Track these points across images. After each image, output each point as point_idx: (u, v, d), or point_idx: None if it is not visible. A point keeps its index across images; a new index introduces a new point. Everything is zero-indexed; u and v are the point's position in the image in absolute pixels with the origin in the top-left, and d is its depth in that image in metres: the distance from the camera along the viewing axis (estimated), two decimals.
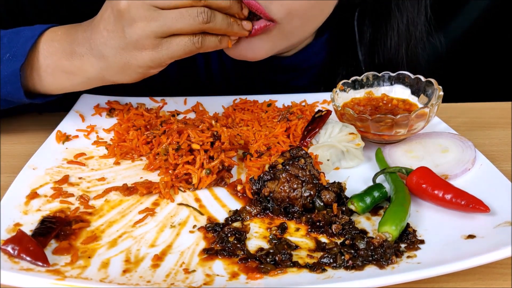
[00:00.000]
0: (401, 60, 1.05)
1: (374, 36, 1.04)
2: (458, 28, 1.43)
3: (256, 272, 0.57)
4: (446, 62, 1.22)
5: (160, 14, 0.70)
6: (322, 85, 1.10)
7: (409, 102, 0.88)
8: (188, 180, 0.74)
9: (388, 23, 1.03)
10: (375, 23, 1.04)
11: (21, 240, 0.57)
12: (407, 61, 1.06)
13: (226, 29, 0.76)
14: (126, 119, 0.90)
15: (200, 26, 0.72)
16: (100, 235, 0.63)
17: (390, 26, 1.03)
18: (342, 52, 1.08)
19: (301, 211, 0.67)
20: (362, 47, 1.05)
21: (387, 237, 0.60)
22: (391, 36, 1.02)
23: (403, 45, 1.04)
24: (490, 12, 1.41)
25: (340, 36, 1.08)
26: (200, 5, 0.71)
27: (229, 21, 0.76)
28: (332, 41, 1.09)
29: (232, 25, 0.76)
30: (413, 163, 0.76)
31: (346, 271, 0.57)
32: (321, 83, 1.11)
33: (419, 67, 1.10)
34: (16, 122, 0.97)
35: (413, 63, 1.08)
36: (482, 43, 1.44)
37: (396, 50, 1.04)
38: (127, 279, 0.55)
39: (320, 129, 0.80)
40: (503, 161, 0.83)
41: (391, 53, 1.04)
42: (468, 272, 0.59)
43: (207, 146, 0.76)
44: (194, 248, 0.61)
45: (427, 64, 1.16)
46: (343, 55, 1.08)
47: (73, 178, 0.75)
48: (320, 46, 1.07)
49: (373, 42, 1.05)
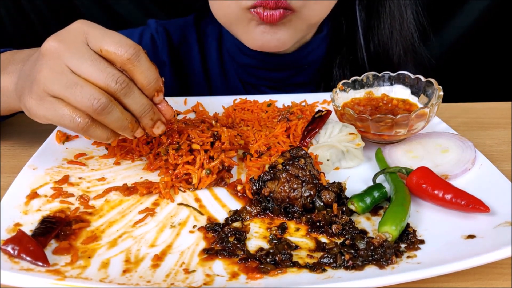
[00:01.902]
0: (395, 43, 1.07)
1: (368, 20, 1.06)
2: (458, 28, 1.44)
3: (256, 272, 0.57)
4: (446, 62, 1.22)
5: (65, 77, 0.62)
6: (322, 81, 1.11)
7: (409, 102, 0.88)
8: (188, 180, 0.74)
9: (380, 5, 1.04)
10: (368, 6, 1.06)
11: (21, 240, 0.57)
12: (403, 45, 1.07)
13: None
14: None
15: (92, 112, 0.62)
16: (100, 235, 0.63)
17: (382, 8, 1.04)
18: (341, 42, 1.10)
19: (301, 211, 0.67)
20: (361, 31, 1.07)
21: (387, 237, 0.60)
22: (384, 19, 1.05)
23: (396, 27, 1.05)
24: (490, 12, 1.41)
25: (339, 27, 1.10)
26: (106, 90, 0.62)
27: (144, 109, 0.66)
28: (331, 36, 1.10)
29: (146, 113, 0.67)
30: (413, 163, 0.76)
31: (346, 271, 0.57)
32: (321, 79, 1.12)
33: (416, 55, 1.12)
34: (16, 122, 0.97)
35: (408, 47, 1.09)
36: (482, 43, 1.44)
37: (390, 32, 1.05)
38: (127, 279, 0.55)
39: (320, 129, 0.80)
40: (503, 161, 0.83)
41: (385, 36, 1.06)
42: (468, 272, 0.59)
43: (207, 146, 0.76)
44: (194, 248, 0.61)
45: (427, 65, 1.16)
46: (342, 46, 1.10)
47: (73, 178, 0.75)
48: (319, 42, 1.08)
49: (368, 26, 1.07)
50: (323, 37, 1.08)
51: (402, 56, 1.08)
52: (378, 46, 1.07)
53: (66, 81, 0.62)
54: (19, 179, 0.72)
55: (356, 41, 1.08)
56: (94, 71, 0.62)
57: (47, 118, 0.65)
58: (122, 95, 0.63)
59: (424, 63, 1.14)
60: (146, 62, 0.64)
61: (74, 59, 0.62)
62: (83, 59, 0.62)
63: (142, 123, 0.68)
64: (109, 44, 0.62)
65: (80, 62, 0.62)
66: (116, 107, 0.63)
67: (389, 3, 1.04)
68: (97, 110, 0.62)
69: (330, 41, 1.10)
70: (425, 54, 1.13)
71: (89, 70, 0.62)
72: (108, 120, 0.64)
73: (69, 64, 0.62)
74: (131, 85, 0.64)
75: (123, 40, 0.63)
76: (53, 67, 0.62)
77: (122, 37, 0.64)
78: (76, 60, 0.62)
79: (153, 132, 0.70)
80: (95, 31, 0.63)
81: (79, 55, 0.62)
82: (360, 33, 1.06)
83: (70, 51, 0.62)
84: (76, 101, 0.62)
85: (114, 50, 0.62)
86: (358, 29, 1.06)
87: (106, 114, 0.63)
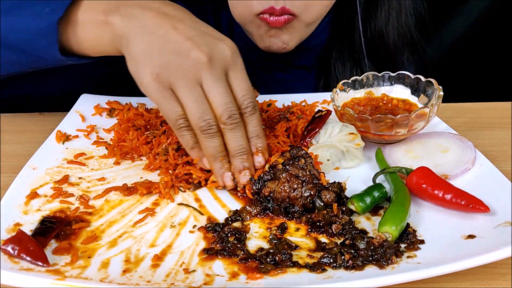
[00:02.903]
0: (391, 29, 1.10)
1: (367, 7, 1.10)
2: (458, 27, 1.44)
3: (256, 272, 0.57)
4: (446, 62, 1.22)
5: (194, 88, 0.67)
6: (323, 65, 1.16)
7: (409, 102, 0.88)
8: (188, 180, 0.74)
9: None
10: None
11: (21, 240, 0.57)
12: (398, 32, 1.11)
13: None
14: (126, 119, 0.90)
15: (197, 128, 0.68)
16: (100, 235, 0.63)
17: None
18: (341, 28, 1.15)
19: (301, 211, 0.67)
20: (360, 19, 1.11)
21: (387, 237, 0.60)
22: (382, 6, 1.09)
23: (393, 14, 1.09)
24: (489, 12, 1.41)
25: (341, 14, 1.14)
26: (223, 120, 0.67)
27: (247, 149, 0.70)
28: (334, 22, 1.15)
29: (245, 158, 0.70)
30: (413, 163, 0.76)
31: (346, 271, 0.57)
32: (321, 63, 1.17)
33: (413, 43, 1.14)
34: (16, 122, 0.97)
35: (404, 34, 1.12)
36: (482, 43, 1.44)
37: (387, 18, 1.09)
38: (127, 279, 0.55)
39: (320, 129, 0.80)
40: (503, 161, 0.83)
41: (382, 22, 1.10)
42: (468, 272, 0.59)
43: None
44: (194, 248, 0.61)
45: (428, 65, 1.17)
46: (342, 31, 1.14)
47: (73, 178, 0.75)
48: (323, 27, 1.12)
49: (367, 13, 1.11)
50: (326, 23, 1.13)
51: (398, 42, 1.12)
52: (374, 31, 1.11)
53: (193, 91, 0.66)
54: (19, 179, 0.72)
55: (355, 26, 1.12)
56: (219, 99, 0.67)
57: (155, 99, 0.67)
58: (228, 129, 0.68)
59: (420, 54, 1.16)
60: (258, 122, 0.71)
61: (210, 80, 0.67)
62: (217, 85, 0.67)
63: (233, 164, 0.70)
64: (241, 86, 0.69)
65: (214, 85, 0.67)
66: (218, 137, 0.68)
67: None
68: (202, 128, 0.67)
69: (332, 26, 1.15)
70: (422, 45, 1.16)
71: (216, 95, 0.67)
72: (205, 143, 0.68)
73: (203, 79, 0.67)
74: (241, 125, 0.69)
75: (251, 90, 0.70)
76: (190, 72, 0.66)
77: (250, 86, 0.70)
78: (211, 81, 0.67)
79: (238, 178, 0.71)
80: (237, 66, 0.69)
81: (217, 79, 0.67)
82: (359, 19, 1.10)
83: (212, 72, 0.67)
84: (189, 110, 0.66)
85: (242, 94, 0.69)
86: (358, 15, 1.10)
87: (207, 137, 0.68)
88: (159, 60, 0.66)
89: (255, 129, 0.71)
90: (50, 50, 0.76)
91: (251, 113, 0.70)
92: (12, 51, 0.78)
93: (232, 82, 0.69)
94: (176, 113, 0.67)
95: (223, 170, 0.70)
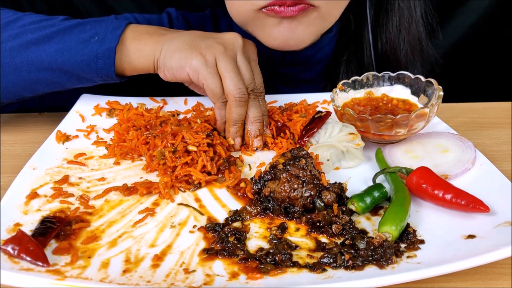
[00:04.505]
0: (403, 41, 1.07)
1: (377, 18, 1.07)
2: (459, 28, 1.44)
3: (256, 272, 0.57)
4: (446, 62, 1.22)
5: (230, 64, 0.81)
6: (329, 78, 1.13)
7: (409, 102, 0.88)
8: (188, 180, 0.74)
9: (389, 3, 1.05)
10: (378, 4, 1.06)
11: (21, 240, 0.57)
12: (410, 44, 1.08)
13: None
14: (126, 119, 0.90)
15: (232, 97, 0.80)
16: (100, 235, 0.63)
17: (391, 6, 1.05)
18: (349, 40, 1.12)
19: (301, 211, 0.67)
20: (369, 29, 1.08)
21: (387, 237, 0.60)
22: (392, 17, 1.05)
23: (405, 25, 1.06)
24: (490, 12, 1.41)
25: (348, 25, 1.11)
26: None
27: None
28: (340, 35, 1.12)
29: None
30: (413, 163, 0.76)
31: (346, 271, 0.57)
32: (328, 76, 1.14)
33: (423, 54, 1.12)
34: (16, 122, 0.97)
35: (415, 46, 1.09)
36: (482, 43, 1.44)
37: (398, 30, 1.06)
38: (127, 279, 0.55)
39: (318, 129, 0.80)
40: (503, 161, 0.83)
41: (393, 34, 1.06)
42: (468, 272, 0.59)
43: (204, 147, 0.76)
44: (194, 248, 0.61)
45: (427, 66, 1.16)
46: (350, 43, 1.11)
47: (73, 178, 0.75)
48: (328, 41, 1.10)
49: (376, 23, 1.07)
50: (332, 36, 1.10)
51: (409, 54, 1.09)
52: (385, 44, 1.08)
53: (233, 65, 0.81)
54: (19, 179, 0.72)
55: (364, 38, 1.09)
56: (247, 75, 0.83)
57: (203, 76, 0.80)
58: (252, 99, 0.82)
59: (431, 63, 1.15)
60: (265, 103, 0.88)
61: (241, 59, 0.83)
62: (245, 64, 0.83)
63: (250, 129, 0.83)
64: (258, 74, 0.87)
65: (244, 63, 0.83)
66: (245, 106, 0.82)
67: (398, 2, 1.04)
68: (237, 96, 0.80)
69: (338, 39, 1.12)
70: (432, 53, 1.13)
71: (244, 71, 0.83)
72: (234, 108, 0.81)
73: (237, 58, 0.83)
74: (259, 99, 0.84)
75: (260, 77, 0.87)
76: (229, 50, 0.82)
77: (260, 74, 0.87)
78: (242, 60, 0.83)
79: (252, 142, 0.83)
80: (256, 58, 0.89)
81: (245, 60, 0.84)
82: (369, 31, 1.07)
83: (243, 54, 0.84)
84: (228, 80, 0.80)
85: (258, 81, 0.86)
86: (367, 26, 1.06)
87: (238, 104, 0.80)
88: (204, 44, 0.81)
89: (264, 109, 0.86)
90: (105, 70, 0.85)
91: (260, 93, 0.85)
92: (55, 73, 0.85)
93: (254, 68, 0.86)
94: (220, 88, 0.81)
95: (237, 134, 0.83)
